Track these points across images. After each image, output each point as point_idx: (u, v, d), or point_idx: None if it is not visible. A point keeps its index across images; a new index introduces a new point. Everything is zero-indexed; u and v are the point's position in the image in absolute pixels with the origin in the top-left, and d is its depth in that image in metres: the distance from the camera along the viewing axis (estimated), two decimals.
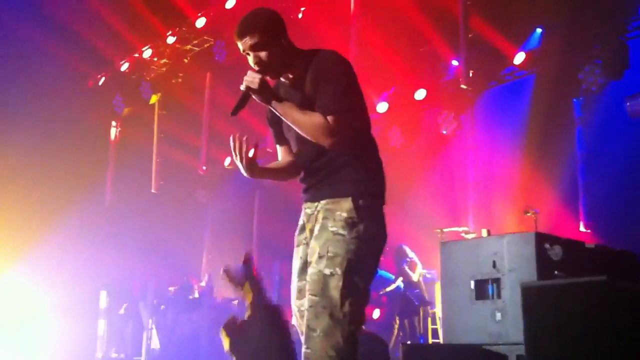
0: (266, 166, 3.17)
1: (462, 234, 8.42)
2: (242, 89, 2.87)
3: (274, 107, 2.90)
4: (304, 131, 2.87)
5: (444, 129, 10.05)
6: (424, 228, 9.18)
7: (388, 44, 10.13)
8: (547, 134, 9.56)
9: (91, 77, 13.51)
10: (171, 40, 12.16)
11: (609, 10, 8.72)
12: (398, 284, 9.52)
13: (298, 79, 2.98)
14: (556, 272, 4.92)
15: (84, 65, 12.83)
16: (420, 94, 10.32)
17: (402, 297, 9.40)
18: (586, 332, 4.08)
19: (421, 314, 9.26)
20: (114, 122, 14.09)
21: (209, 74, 12.06)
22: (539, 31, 9.49)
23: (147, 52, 12.55)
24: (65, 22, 11.85)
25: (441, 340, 6.68)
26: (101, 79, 13.49)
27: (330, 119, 2.81)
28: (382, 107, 10.58)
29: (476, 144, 10.20)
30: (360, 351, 2.86)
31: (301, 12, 10.33)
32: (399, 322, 9.48)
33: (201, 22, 11.56)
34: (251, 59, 2.94)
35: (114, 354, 12.34)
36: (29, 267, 11.90)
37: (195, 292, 11.90)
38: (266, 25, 2.93)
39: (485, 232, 5.72)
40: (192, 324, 11.13)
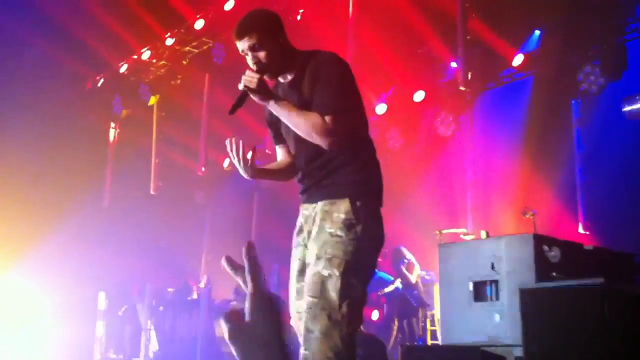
0: (265, 167, 3.18)
1: (461, 236, 8.42)
2: (240, 88, 2.88)
3: (271, 107, 2.91)
4: (301, 131, 2.87)
5: (442, 130, 10.06)
6: (423, 229, 9.18)
7: (386, 45, 10.14)
8: (546, 135, 9.57)
9: (90, 78, 13.50)
10: (170, 42, 12.16)
11: (607, 12, 8.74)
12: (397, 285, 9.52)
13: (296, 80, 2.99)
14: (554, 273, 4.93)
15: (82, 66, 12.82)
16: (418, 95, 10.34)
17: (401, 298, 9.40)
18: (584, 333, 4.09)
19: (420, 316, 9.26)
20: (112, 124, 14.08)
21: (207, 76, 12.05)
22: (537, 33, 9.50)
23: (146, 53, 12.54)
24: (64, 23, 11.83)
25: (440, 341, 6.68)
26: (100, 80, 13.48)
27: (327, 119, 2.82)
28: (381, 109, 10.60)
29: (475, 145, 10.21)
30: (359, 353, 2.86)
31: (299, 14, 10.33)
32: (398, 323, 9.48)
33: (200, 24, 11.56)
34: (250, 59, 2.95)
35: (112, 355, 12.34)
36: (27, 268, 11.90)
37: (194, 293, 11.90)
38: (265, 26, 2.95)
39: (484, 234, 5.72)
40: (191, 325, 11.13)
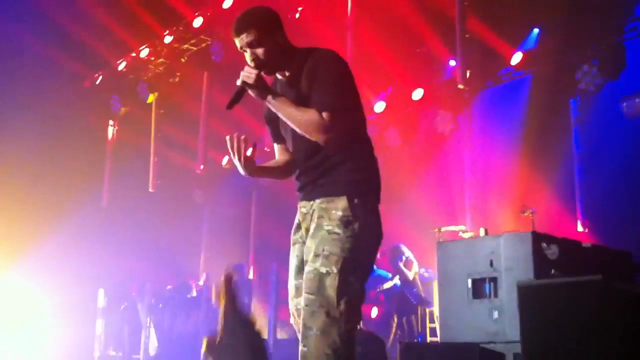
0: (264, 165, 3.18)
1: (459, 234, 8.42)
2: (238, 83, 2.89)
3: (269, 102, 2.91)
4: (298, 127, 2.88)
5: (441, 128, 10.06)
6: (421, 227, 9.18)
7: (385, 44, 10.14)
8: (544, 134, 9.57)
9: (88, 76, 13.49)
10: (168, 39, 12.15)
11: (606, 11, 8.74)
12: (395, 282, 9.53)
13: (294, 77, 2.99)
14: (553, 271, 4.94)
15: (80, 64, 12.81)
16: (417, 94, 10.34)
17: (400, 295, 9.41)
18: (582, 331, 4.10)
19: (419, 313, 9.27)
20: (111, 122, 14.07)
21: (206, 74, 12.04)
22: (536, 31, 9.50)
23: (144, 51, 12.54)
24: (62, 21, 11.83)
25: (439, 339, 6.69)
26: (98, 78, 13.47)
27: (324, 115, 2.82)
28: (380, 107, 10.60)
29: (473, 144, 10.21)
30: (358, 350, 2.87)
31: (298, 12, 10.33)
32: (397, 320, 9.48)
33: (198, 22, 11.56)
34: (248, 55, 2.96)
35: (112, 352, 12.35)
36: (26, 266, 11.91)
37: (193, 291, 11.91)
38: (263, 23, 2.95)
39: (482, 232, 5.73)
40: (190, 323, 11.14)
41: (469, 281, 5.28)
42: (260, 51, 2.93)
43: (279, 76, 3.07)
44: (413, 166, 10.78)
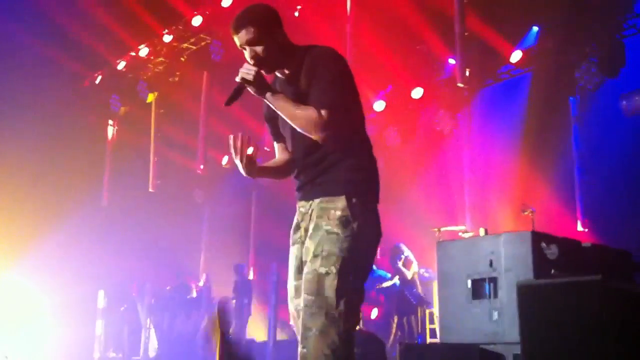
0: (264, 165, 3.17)
1: (459, 233, 8.42)
2: (237, 80, 2.88)
3: (268, 100, 2.90)
4: (297, 124, 2.87)
5: (440, 127, 10.05)
6: (421, 227, 9.18)
7: (384, 42, 10.13)
8: (544, 132, 9.57)
9: (88, 76, 13.50)
10: (168, 38, 12.15)
11: (605, 9, 8.73)
12: (394, 281, 9.52)
13: (294, 74, 2.98)
14: (552, 271, 4.93)
15: (80, 64, 12.82)
16: (417, 92, 10.34)
17: (400, 296, 9.41)
18: (582, 331, 4.08)
19: (419, 314, 9.26)
20: (110, 121, 14.08)
21: (205, 73, 12.04)
22: (535, 29, 9.49)
23: (144, 50, 12.54)
24: (62, 21, 11.83)
25: (439, 339, 6.69)
26: (98, 77, 13.47)
27: (323, 112, 2.81)
28: (379, 106, 10.59)
29: (473, 142, 10.21)
30: (358, 351, 2.86)
31: (297, 11, 10.32)
32: (397, 321, 9.48)
33: (197, 21, 11.56)
34: (247, 53, 2.95)
35: (112, 353, 12.35)
36: (26, 266, 11.90)
37: (193, 292, 11.90)
38: (262, 20, 2.94)
39: (482, 231, 5.72)
40: (190, 323, 11.15)
41: (469, 281, 5.27)
42: (259, 49, 2.92)
43: (278, 74, 3.06)
44: (412, 165, 10.77)
